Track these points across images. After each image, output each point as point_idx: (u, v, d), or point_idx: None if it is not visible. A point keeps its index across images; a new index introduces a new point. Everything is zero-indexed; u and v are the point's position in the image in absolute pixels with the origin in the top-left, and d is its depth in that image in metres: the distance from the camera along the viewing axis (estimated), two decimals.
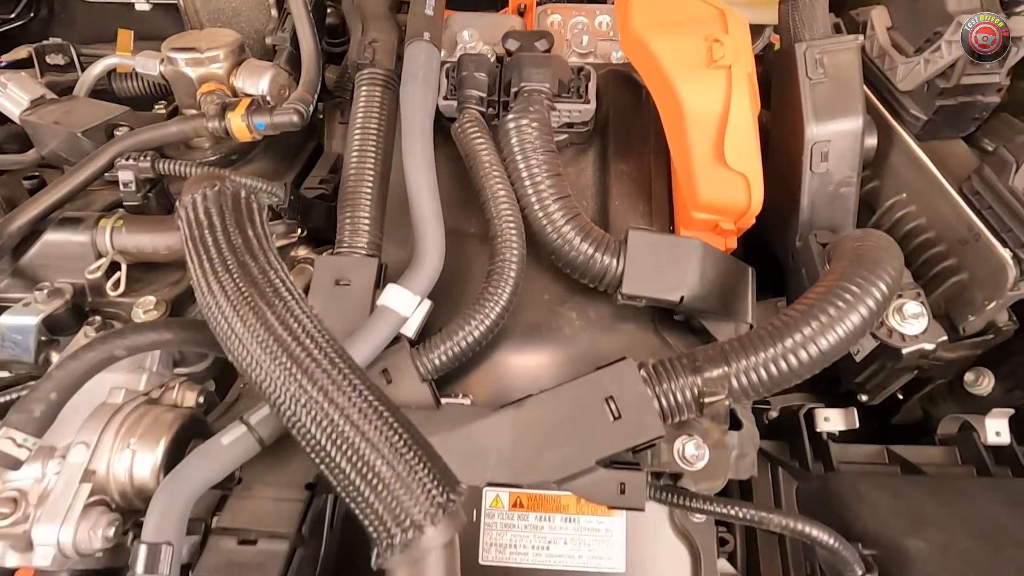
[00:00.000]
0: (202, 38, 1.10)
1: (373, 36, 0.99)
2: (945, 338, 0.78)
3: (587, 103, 0.93)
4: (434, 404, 0.75)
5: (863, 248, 0.71)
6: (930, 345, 0.77)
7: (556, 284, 0.89)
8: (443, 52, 0.97)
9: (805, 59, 0.83)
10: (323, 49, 1.12)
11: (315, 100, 1.03)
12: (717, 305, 0.81)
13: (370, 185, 0.86)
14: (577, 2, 1.17)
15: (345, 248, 0.83)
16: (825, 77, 0.83)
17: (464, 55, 0.95)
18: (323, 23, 1.26)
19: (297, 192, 0.99)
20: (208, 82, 1.06)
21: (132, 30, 1.34)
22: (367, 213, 0.85)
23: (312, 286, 0.80)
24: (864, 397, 0.96)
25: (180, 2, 1.30)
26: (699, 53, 0.78)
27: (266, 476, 0.67)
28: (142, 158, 0.96)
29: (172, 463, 0.63)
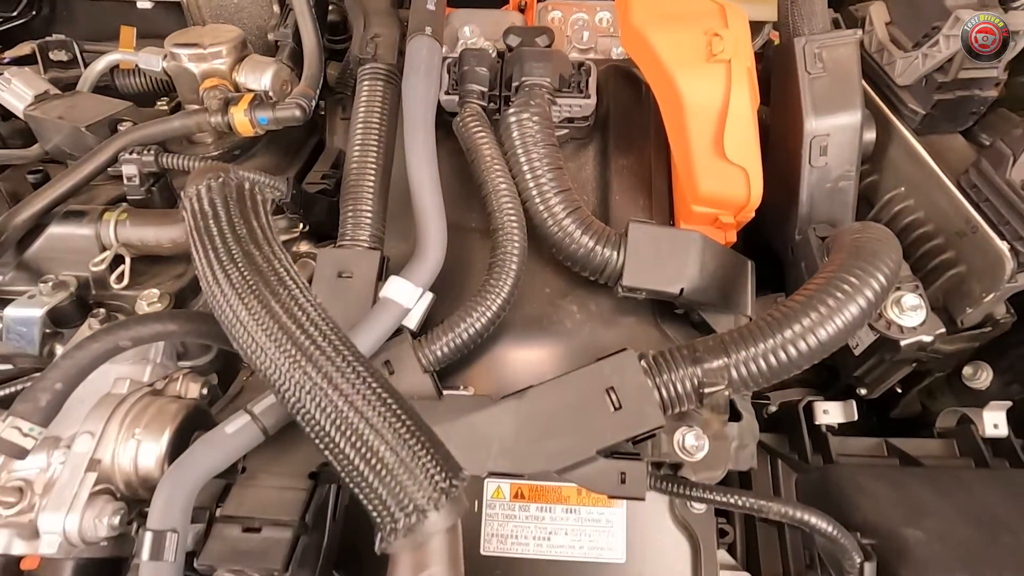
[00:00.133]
0: (205, 34, 1.10)
1: (375, 31, 1.00)
2: (943, 330, 0.78)
3: (587, 98, 0.93)
4: (436, 395, 0.76)
5: (861, 240, 0.71)
6: (928, 337, 0.78)
7: (557, 278, 0.89)
8: (444, 48, 0.98)
9: (804, 53, 0.84)
10: (324, 46, 1.13)
11: (317, 95, 1.04)
12: (717, 298, 0.82)
13: (372, 179, 0.86)
14: None
15: (348, 241, 0.83)
16: (824, 71, 0.84)
17: (466, 50, 0.95)
18: (324, 20, 1.27)
19: (299, 187, 0.99)
20: (211, 78, 1.07)
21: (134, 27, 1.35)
22: (369, 206, 0.85)
23: (315, 278, 0.80)
24: (863, 391, 0.97)
25: None
26: (699, 47, 0.79)
27: (270, 465, 0.67)
28: (146, 152, 0.97)
29: (176, 453, 0.64)
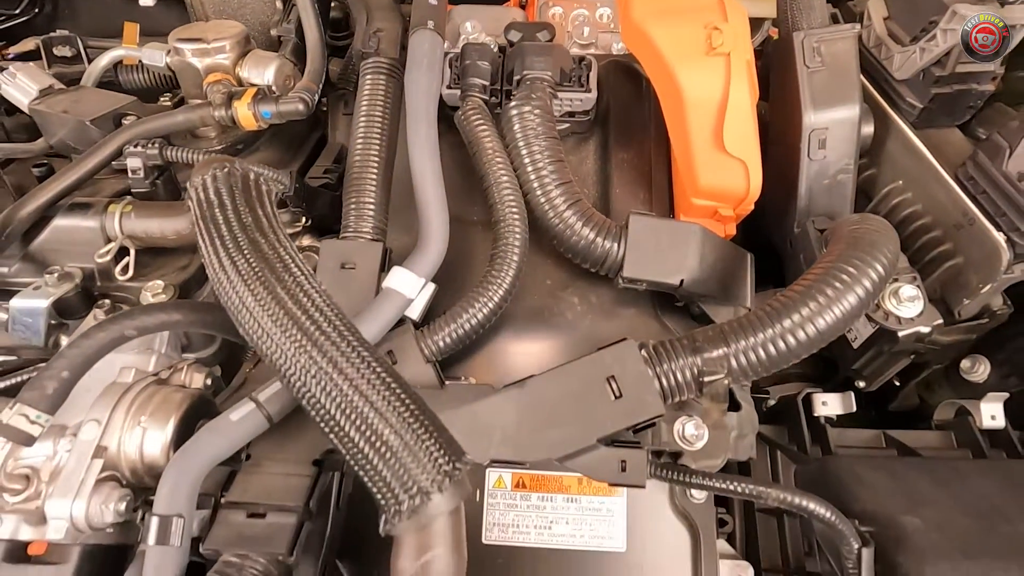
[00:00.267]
0: (208, 29, 1.11)
1: (377, 25, 1.00)
2: (941, 321, 0.79)
3: (588, 92, 0.94)
4: (438, 385, 0.76)
5: (859, 231, 0.72)
6: (926, 328, 0.78)
7: (558, 270, 0.90)
8: (446, 43, 0.98)
9: (803, 48, 0.85)
10: (326, 42, 1.13)
11: (320, 90, 1.04)
12: (716, 289, 0.83)
13: (375, 171, 0.87)
14: None
15: (351, 232, 0.84)
16: (822, 66, 0.84)
17: (467, 44, 0.96)
18: (327, 16, 1.28)
19: (302, 181, 1.00)
20: (214, 72, 1.07)
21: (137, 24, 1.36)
22: (372, 198, 0.86)
23: (318, 269, 0.81)
24: (862, 383, 0.97)
25: None
26: (698, 41, 0.80)
27: (274, 452, 0.68)
28: (150, 145, 0.97)
29: (181, 441, 0.65)
